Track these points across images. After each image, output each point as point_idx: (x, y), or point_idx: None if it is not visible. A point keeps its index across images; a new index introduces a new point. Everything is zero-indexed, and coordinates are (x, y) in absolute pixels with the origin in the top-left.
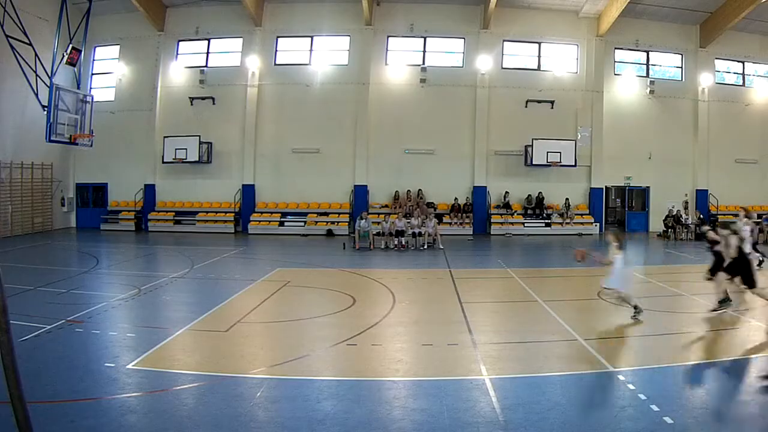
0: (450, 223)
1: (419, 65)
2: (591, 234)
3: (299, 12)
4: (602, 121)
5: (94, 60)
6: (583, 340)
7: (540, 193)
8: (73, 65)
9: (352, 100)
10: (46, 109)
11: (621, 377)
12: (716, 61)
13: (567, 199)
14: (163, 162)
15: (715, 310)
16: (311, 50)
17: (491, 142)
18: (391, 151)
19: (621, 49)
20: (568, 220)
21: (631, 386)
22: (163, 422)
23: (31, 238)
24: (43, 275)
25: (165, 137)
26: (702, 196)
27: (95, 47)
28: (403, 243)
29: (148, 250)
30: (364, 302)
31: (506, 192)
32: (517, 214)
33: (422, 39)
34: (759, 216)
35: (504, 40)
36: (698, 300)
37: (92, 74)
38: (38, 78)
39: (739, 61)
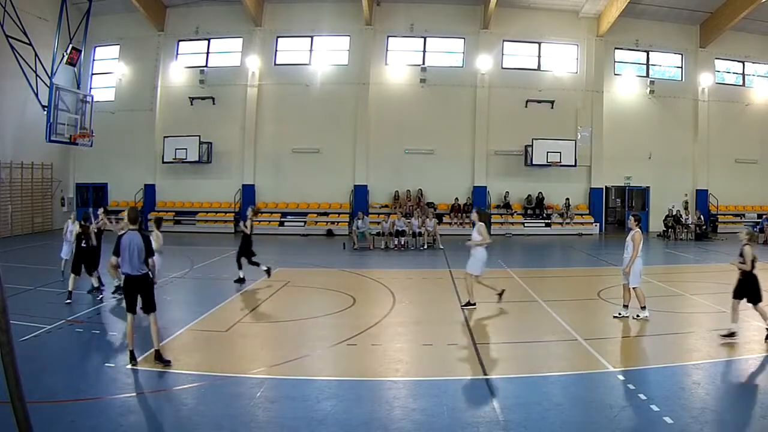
0: (450, 223)
1: (419, 65)
2: (591, 234)
3: (299, 12)
4: (602, 121)
5: (94, 60)
6: (583, 340)
7: (540, 193)
8: (73, 65)
9: (352, 100)
10: (46, 109)
11: (621, 377)
12: (716, 61)
13: (567, 199)
14: (163, 162)
15: None
16: (311, 50)
17: (491, 142)
18: (391, 151)
19: (621, 49)
20: (568, 220)
21: (631, 386)
22: (163, 422)
23: (31, 238)
24: (44, 275)
25: (165, 137)
26: (702, 196)
27: (95, 47)
28: (403, 243)
29: None
30: (364, 302)
31: (506, 192)
32: (517, 214)
33: (422, 39)
34: (759, 216)
35: (504, 40)
36: (698, 300)
37: (92, 74)
38: (38, 78)
39: (739, 61)
